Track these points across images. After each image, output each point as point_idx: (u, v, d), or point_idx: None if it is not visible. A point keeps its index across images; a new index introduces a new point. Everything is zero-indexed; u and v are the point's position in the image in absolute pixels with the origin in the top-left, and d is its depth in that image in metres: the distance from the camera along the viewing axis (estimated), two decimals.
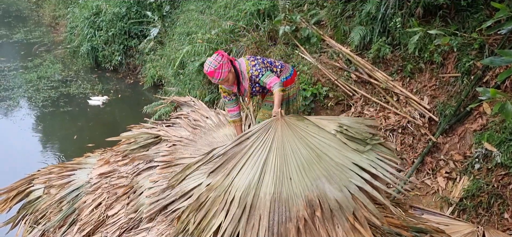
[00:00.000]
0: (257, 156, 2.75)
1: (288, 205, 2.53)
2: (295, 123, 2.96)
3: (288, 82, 3.83)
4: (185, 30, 9.52)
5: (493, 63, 3.50)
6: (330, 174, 2.64)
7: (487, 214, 4.63)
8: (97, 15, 11.93)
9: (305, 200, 2.53)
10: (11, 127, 9.17)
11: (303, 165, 2.68)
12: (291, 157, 2.73)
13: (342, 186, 2.59)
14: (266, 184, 2.60)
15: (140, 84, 10.92)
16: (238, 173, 2.70)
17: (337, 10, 7.06)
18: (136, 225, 3.28)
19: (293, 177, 2.62)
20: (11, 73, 11.83)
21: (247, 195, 2.57)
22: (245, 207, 2.54)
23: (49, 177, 4.32)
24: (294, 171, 2.65)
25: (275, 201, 2.54)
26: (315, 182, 2.60)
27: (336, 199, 2.54)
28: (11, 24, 16.30)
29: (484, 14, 5.54)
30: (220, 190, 2.65)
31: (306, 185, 2.59)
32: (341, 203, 2.53)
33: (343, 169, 2.68)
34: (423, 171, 5.40)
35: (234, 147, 2.85)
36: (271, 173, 2.65)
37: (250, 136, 2.89)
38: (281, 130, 2.87)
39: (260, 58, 3.77)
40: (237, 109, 3.82)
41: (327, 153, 2.74)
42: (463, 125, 5.46)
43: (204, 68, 3.54)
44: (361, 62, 6.46)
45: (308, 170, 2.66)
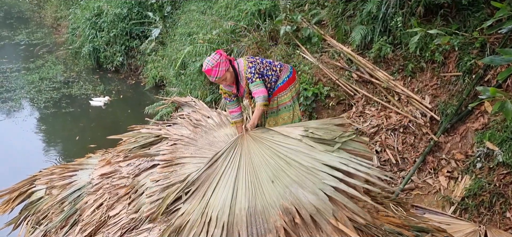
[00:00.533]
0: (228, 175, 2.77)
1: (265, 217, 2.52)
2: (260, 136, 2.97)
3: (291, 81, 3.79)
4: (186, 30, 9.54)
5: (493, 62, 3.50)
6: (301, 179, 2.63)
7: (489, 213, 4.62)
8: (98, 16, 11.96)
9: (281, 209, 2.52)
10: (13, 128, 9.20)
11: (273, 175, 2.68)
12: (260, 169, 2.73)
13: (317, 189, 2.58)
14: (240, 200, 2.61)
15: (141, 84, 10.94)
16: (212, 193, 2.71)
17: (338, 10, 7.06)
18: (137, 225, 3.29)
19: (266, 188, 2.61)
20: (13, 74, 11.86)
21: (223, 213, 2.58)
22: (223, 225, 2.53)
23: (51, 178, 4.33)
24: (265, 182, 2.65)
25: (251, 215, 2.54)
26: (288, 189, 2.59)
27: (312, 203, 2.52)
28: (13, 26, 16.35)
29: (485, 13, 5.53)
30: (198, 213, 2.65)
31: (279, 193, 2.58)
32: (318, 207, 2.51)
33: (314, 172, 2.66)
34: (424, 171, 5.40)
35: (206, 170, 2.87)
36: (243, 188, 2.66)
37: (219, 156, 2.90)
38: (247, 145, 2.89)
39: (259, 59, 3.75)
40: (238, 110, 3.81)
41: (295, 159, 2.74)
42: (465, 124, 5.45)
43: (203, 66, 3.55)
44: (362, 62, 6.46)
45: (279, 179, 2.65)
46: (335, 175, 2.65)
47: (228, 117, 4.00)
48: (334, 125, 2.99)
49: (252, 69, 3.58)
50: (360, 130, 5.80)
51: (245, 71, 3.60)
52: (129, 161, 3.92)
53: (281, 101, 3.73)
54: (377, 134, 5.78)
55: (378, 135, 5.75)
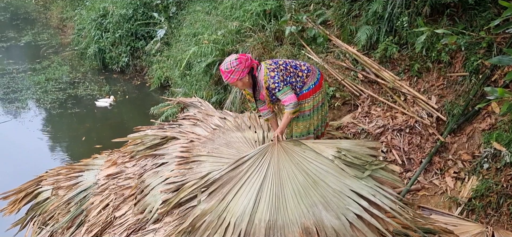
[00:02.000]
0: (253, 182, 2.71)
1: (284, 233, 2.48)
2: (292, 148, 2.91)
3: (316, 89, 3.58)
4: (191, 31, 9.55)
5: (501, 62, 3.47)
6: (327, 201, 2.59)
7: (496, 214, 4.59)
8: (104, 17, 12.00)
9: (301, 227, 2.48)
10: (19, 129, 9.25)
11: (299, 191, 2.64)
12: (287, 183, 2.68)
13: (340, 213, 2.54)
14: (261, 211, 2.56)
15: (147, 85, 10.97)
16: (233, 198, 2.66)
17: (344, 10, 7.04)
18: (143, 226, 3.29)
19: (289, 204, 2.56)
20: (20, 75, 11.93)
21: (241, 221, 2.53)
22: (240, 234, 2.49)
23: (57, 179, 4.35)
24: (290, 197, 2.60)
25: (270, 228, 2.49)
26: (312, 209, 2.55)
27: (333, 227, 2.48)
28: (19, 27, 16.45)
29: (492, 13, 5.49)
30: (215, 215, 2.60)
31: (302, 212, 2.54)
32: (338, 231, 2.47)
33: (341, 196, 2.62)
34: (431, 171, 5.37)
35: (229, 171, 2.81)
36: (266, 199, 2.61)
37: (246, 160, 2.85)
38: (278, 155, 2.83)
39: (282, 63, 3.55)
40: (266, 108, 3.70)
41: (324, 180, 2.70)
42: (472, 124, 5.42)
43: (221, 66, 3.48)
44: (368, 62, 6.43)
45: (305, 197, 2.61)
46: (360, 203, 2.61)
47: (260, 117, 3.91)
48: (367, 147, 2.93)
49: (276, 78, 3.42)
50: (366, 131, 5.78)
51: (265, 81, 3.45)
52: (135, 161, 3.93)
53: (301, 108, 3.57)
54: (383, 135, 5.76)
55: (384, 136, 5.73)
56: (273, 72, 3.45)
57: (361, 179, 2.72)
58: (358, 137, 5.80)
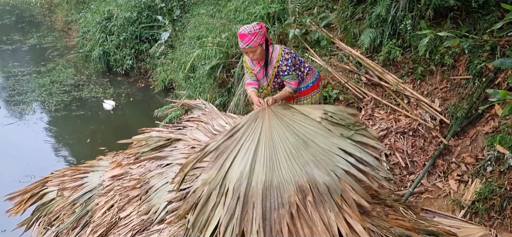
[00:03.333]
0: (247, 147, 2.80)
1: (280, 192, 2.58)
2: (282, 112, 3.02)
3: (314, 87, 3.71)
4: (195, 34, 9.59)
5: (504, 65, 3.49)
6: (317, 160, 2.69)
7: (499, 217, 4.59)
8: (108, 20, 12.07)
9: (296, 186, 2.58)
10: (24, 131, 9.31)
11: (291, 152, 2.74)
12: (279, 145, 2.78)
13: (330, 170, 2.65)
14: (257, 174, 2.65)
15: (151, 87, 11.02)
16: (231, 165, 2.73)
17: (347, 13, 7.06)
18: (148, 227, 3.32)
19: (282, 165, 2.68)
20: (25, 77, 12.01)
21: (240, 185, 2.61)
22: (239, 197, 2.57)
23: (62, 180, 4.39)
24: (283, 158, 2.70)
25: (266, 189, 2.59)
26: (304, 167, 2.65)
27: (325, 183, 2.59)
28: (24, 30, 16.55)
29: (495, 16, 5.50)
30: (214, 183, 2.68)
31: (295, 171, 2.64)
32: (330, 186, 2.58)
33: (330, 154, 2.74)
34: (434, 174, 5.37)
35: (225, 141, 2.89)
36: (261, 162, 2.70)
37: (239, 128, 2.93)
38: (269, 119, 2.94)
39: (293, 53, 3.69)
40: (255, 84, 3.76)
41: (313, 140, 2.80)
42: (475, 127, 5.42)
43: (239, 30, 3.52)
44: (371, 65, 6.45)
45: (297, 157, 2.71)
46: (348, 159, 2.73)
47: (245, 88, 3.96)
48: (347, 113, 3.06)
49: (289, 61, 3.57)
50: None
51: (277, 60, 3.55)
52: (139, 163, 3.95)
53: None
54: (386, 137, 5.77)
55: (388, 138, 5.74)
56: (287, 55, 3.59)
57: (347, 138, 2.84)
58: None
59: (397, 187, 5.38)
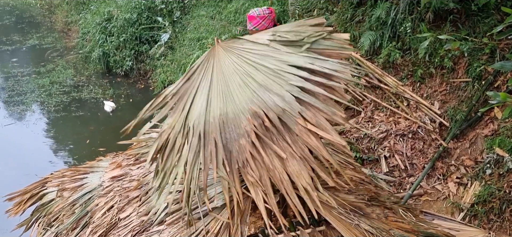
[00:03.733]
0: (202, 86, 2.79)
1: (236, 122, 2.58)
2: (231, 46, 2.96)
3: None
4: (195, 35, 9.61)
5: (504, 68, 3.50)
6: (268, 83, 2.64)
7: (499, 220, 4.59)
8: (108, 21, 12.08)
9: (250, 113, 2.57)
10: (24, 131, 9.31)
11: (242, 81, 2.71)
12: (231, 76, 2.75)
13: (283, 91, 2.59)
14: (213, 109, 2.66)
15: (150, 89, 11.02)
16: (191, 106, 2.75)
17: (347, 15, 7.08)
18: (147, 228, 3.32)
19: (235, 95, 2.66)
20: (24, 78, 12.01)
21: (198, 123, 2.63)
22: (200, 134, 2.60)
23: (62, 180, 4.39)
24: (235, 89, 2.68)
25: (223, 122, 2.60)
26: (255, 94, 2.62)
27: (278, 104, 2.54)
28: (24, 30, 16.55)
29: (495, 19, 5.51)
30: (179, 125, 2.71)
31: (248, 98, 2.62)
32: (284, 108, 2.53)
33: (280, 74, 2.66)
34: (433, 176, 5.38)
35: (183, 84, 2.90)
36: (216, 97, 2.70)
37: (195, 69, 2.92)
38: (219, 55, 2.89)
39: None
40: None
41: (262, 63, 2.74)
42: (474, 130, 5.43)
43: (249, 12, 3.50)
44: (371, 67, 6.42)
45: (248, 84, 2.68)
46: (300, 74, 2.63)
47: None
48: (308, 25, 2.91)
49: None
50: (369, 135, 5.80)
51: None
52: (139, 164, 3.96)
53: None
54: (385, 140, 5.78)
55: (387, 141, 5.75)
56: None
57: (300, 53, 2.74)
58: (361, 142, 5.82)
59: (396, 189, 5.39)
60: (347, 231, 3.03)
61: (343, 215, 3.19)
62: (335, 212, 3.17)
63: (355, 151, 5.68)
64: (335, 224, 3.07)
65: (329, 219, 3.09)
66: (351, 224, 3.12)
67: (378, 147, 5.73)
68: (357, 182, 3.89)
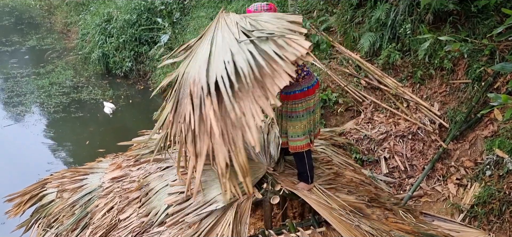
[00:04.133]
0: (198, 47, 3.18)
1: (186, 84, 3.00)
2: (228, 19, 3.30)
3: (309, 92, 3.57)
4: (195, 36, 9.59)
5: (504, 69, 3.50)
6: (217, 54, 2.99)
7: (498, 221, 4.60)
8: (108, 22, 12.07)
9: (192, 80, 2.93)
10: (23, 132, 9.29)
11: (208, 50, 3.04)
12: (206, 47, 3.10)
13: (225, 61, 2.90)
14: (188, 68, 3.09)
15: (150, 90, 11.00)
16: (189, 61, 3.14)
17: (347, 17, 7.09)
18: (147, 229, 3.32)
19: (198, 63, 3.01)
20: (24, 79, 11.99)
21: (180, 73, 3.14)
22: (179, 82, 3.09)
23: (61, 181, 4.39)
24: (200, 56, 3.06)
25: (184, 80, 3.04)
26: (203, 65, 2.96)
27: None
28: (23, 31, 16.53)
29: (494, 20, 5.52)
30: (180, 72, 3.13)
31: (198, 68, 2.95)
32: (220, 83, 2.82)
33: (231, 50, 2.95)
34: (433, 178, 5.38)
35: (196, 42, 3.29)
36: (195, 59, 3.08)
37: (204, 32, 3.29)
38: (218, 24, 3.25)
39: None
40: None
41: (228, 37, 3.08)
42: (474, 131, 5.44)
43: (249, 6, 3.53)
44: (371, 68, 6.46)
45: (207, 57, 3.00)
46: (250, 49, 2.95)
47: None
48: (286, 20, 3.15)
49: None
50: (369, 136, 5.81)
51: None
52: (139, 165, 3.95)
53: (294, 109, 3.56)
54: (385, 141, 5.78)
55: (387, 142, 5.75)
56: None
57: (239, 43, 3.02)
58: (361, 143, 5.83)
59: (396, 190, 5.39)
60: (347, 232, 3.04)
61: (344, 216, 3.19)
62: (335, 213, 3.18)
63: (355, 152, 5.68)
64: (335, 225, 3.08)
65: (329, 220, 3.09)
66: (352, 225, 3.12)
67: (378, 148, 5.73)
68: (357, 183, 3.89)
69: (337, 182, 3.76)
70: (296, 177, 3.64)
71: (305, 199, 3.34)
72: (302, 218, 4.03)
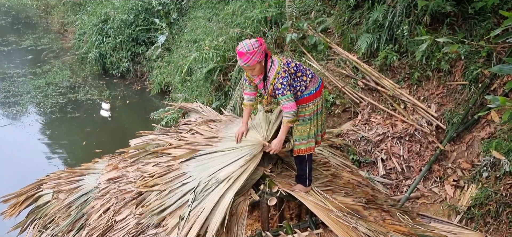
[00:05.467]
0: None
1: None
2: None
3: (317, 94, 3.59)
4: (192, 37, 9.59)
5: (502, 71, 3.50)
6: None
7: (495, 223, 4.60)
8: (105, 22, 12.05)
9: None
10: (19, 132, 9.26)
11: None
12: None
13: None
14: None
15: (147, 90, 10.99)
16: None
17: (344, 18, 7.09)
18: (144, 230, 3.30)
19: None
20: (20, 79, 11.95)
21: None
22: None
23: (57, 182, 4.36)
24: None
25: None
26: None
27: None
28: (20, 31, 16.48)
29: (491, 22, 5.53)
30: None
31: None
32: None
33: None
34: (430, 179, 5.38)
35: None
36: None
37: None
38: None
39: (294, 66, 3.55)
40: (253, 94, 3.70)
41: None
42: (471, 133, 5.44)
43: (238, 47, 3.41)
44: (368, 70, 6.47)
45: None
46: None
47: (243, 95, 3.93)
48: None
49: (285, 80, 3.42)
50: (366, 138, 5.80)
51: (274, 77, 3.44)
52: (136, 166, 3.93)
53: (301, 112, 3.57)
54: (382, 142, 5.78)
55: (384, 143, 5.75)
56: (284, 72, 3.46)
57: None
58: (358, 145, 5.82)
59: (393, 192, 5.39)
60: (344, 234, 3.03)
61: (341, 217, 3.18)
62: (332, 215, 3.17)
63: (352, 154, 5.68)
64: (332, 227, 3.07)
65: (326, 221, 3.08)
66: (349, 226, 3.11)
67: (375, 150, 5.73)
68: (354, 185, 3.88)
69: (334, 184, 3.75)
70: (293, 179, 3.64)
71: (302, 201, 3.33)
72: (299, 219, 4.01)
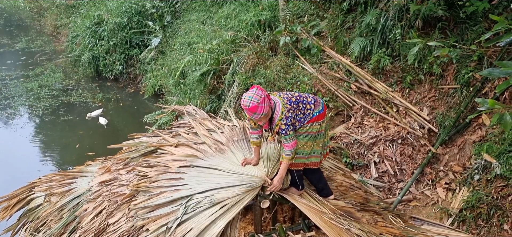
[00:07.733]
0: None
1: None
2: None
3: (321, 116, 3.66)
4: (186, 40, 9.59)
5: (491, 75, 3.54)
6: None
7: (486, 226, 4.63)
8: (98, 25, 12.01)
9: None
10: (11, 135, 9.20)
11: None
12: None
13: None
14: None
15: (140, 93, 10.96)
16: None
17: (337, 22, 7.12)
18: (136, 233, 3.29)
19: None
20: (12, 81, 11.87)
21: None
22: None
23: (50, 185, 4.34)
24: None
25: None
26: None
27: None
28: (13, 33, 16.39)
29: (482, 27, 5.58)
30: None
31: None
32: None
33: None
34: (422, 182, 5.41)
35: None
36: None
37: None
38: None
39: (295, 101, 3.59)
40: (259, 132, 3.72)
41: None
42: (463, 136, 5.48)
43: (244, 102, 3.37)
44: (361, 73, 6.50)
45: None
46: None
47: (249, 136, 3.94)
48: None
49: (289, 120, 3.46)
50: (359, 141, 5.83)
51: (280, 119, 3.47)
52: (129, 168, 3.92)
53: (309, 129, 3.65)
54: (375, 145, 5.81)
55: (377, 146, 5.77)
56: (288, 112, 3.50)
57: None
58: (351, 148, 5.84)
59: (386, 194, 5.41)
60: (337, 236, 3.04)
61: (334, 220, 3.20)
62: (325, 217, 3.18)
63: (345, 157, 5.70)
64: (325, 229, 3.08)
65: (319, 224, 3.09)
66: (341, 229, 3.13)
67: (368, 153, 5.76)
68: (347, 188, 3.90)
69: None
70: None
71: (295, 203, 3.35)
72: (292, 222, 4.02)
